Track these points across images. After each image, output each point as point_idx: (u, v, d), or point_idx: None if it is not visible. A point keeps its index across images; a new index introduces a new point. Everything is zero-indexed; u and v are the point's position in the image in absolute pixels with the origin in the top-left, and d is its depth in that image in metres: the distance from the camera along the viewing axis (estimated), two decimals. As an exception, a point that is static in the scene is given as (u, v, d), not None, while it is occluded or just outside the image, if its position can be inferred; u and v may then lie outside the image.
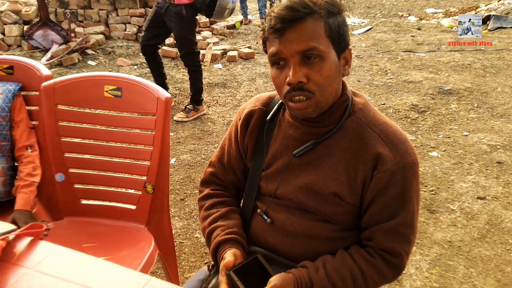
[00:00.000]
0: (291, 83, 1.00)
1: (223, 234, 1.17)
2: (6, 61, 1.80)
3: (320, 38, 0.99)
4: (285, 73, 1.02)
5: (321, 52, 0.99)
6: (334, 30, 1.02)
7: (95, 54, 5.58)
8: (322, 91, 1.02)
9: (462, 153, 3.46)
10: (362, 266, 1.07)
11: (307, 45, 0.98)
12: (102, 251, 1.56)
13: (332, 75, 1.02)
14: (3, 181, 1.70)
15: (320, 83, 1.01)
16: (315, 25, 0.99)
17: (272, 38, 1.01)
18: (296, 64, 0.99)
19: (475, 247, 2.42)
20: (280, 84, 1.04)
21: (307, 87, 1.00)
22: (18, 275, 0.90)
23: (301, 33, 0.98)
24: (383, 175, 1.04)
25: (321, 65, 1.00)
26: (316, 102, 1.02)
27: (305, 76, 0.99)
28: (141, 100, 1.61)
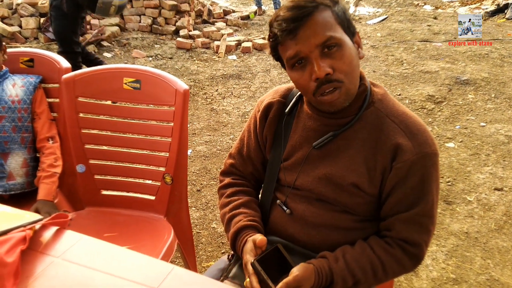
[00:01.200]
0: (319, 77, 0.99)
1: (245, 220, 1.18)
2: (27, 53, 1.83)
3: (333, 27, 1.00)
4: (308, 71, 1.01)
5: (338, 40, 1.00)
6: (342, 16, 1.03)
7: (110, 46, 5.62)
8: (350, 78, 1.02)
9: (479, 144, 3.42)
10: (381, 256, 1.08)
11: (324, 36, 0.98)
12: (122, 240, 1.58)
13: (354, 59, 1.03)
14: (26, 172, 1.74)
15: (346, 70, 1.01)
16: (324, 15, 1.00)
17: (287, 41, 1.01)
18: (317, 58, 0.99)
19: (492, 238, 2.40)
20: (305, 83, 1.04)
21: (334, 77, 1.00)
22: (45, 263, 0.93)
23: (315, 27, 0.98)
24: (402, 166, 1.05)
25: (341, 52, 1.00)
26: (347, 90, 1.03)
27: (330, 67, 0.99)
28: (159, 92, 1.62)
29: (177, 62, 5.29)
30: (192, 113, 3.99)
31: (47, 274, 0.90)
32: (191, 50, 5.66)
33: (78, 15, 3.67)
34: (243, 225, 1.18)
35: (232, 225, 1.20)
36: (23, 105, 1.71)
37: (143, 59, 5.32)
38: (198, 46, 5.80)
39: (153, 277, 0.90)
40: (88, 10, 3.68)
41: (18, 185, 1.73)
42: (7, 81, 1.71)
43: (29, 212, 1.05)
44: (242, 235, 1.17)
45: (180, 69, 5.04)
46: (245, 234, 1.16)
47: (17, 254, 0.89)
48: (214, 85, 4.66)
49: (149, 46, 5.75)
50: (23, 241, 0.92)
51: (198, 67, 5.15)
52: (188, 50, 5.66)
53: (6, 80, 1.71)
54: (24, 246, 0.92)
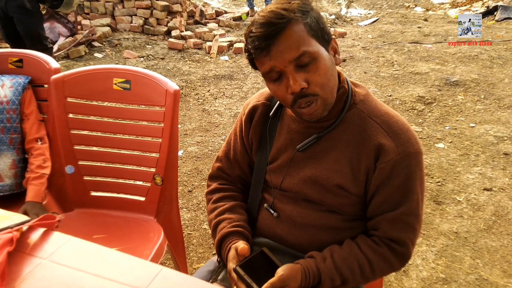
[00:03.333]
0: (294, 91, 0.99)
1: (229, 227, 1.19)
2: (16, 54, 1.82)
3: (306, 40, 0.98)
4: (284, 84, 1.01)
5: (312, 54, 0.98)
6: (315, 27, 1.00)
7: (101, 47, 5.59)
8: (325, 89, 1.02)
9: (469, 145, 3.45)
10: (368, 255, 1.09)
11: (297, 51, 0.97)
12: (112, 242, 1.58)
13: (329, 70, 1.02)
14: (14, 173, 1.73)
15: (321, 82, 1.00)
16: (296, 30, 0.97)
17: (261, 57, 1.00)
18: (292, 72, 0.98)
19: (481, 238, 2.42)
20: (282, 95, 1.03)
21: (309, 91, 1.00)
22: (32, 265, 0.92)
23: (287, 42, 0.97)
24: (385, 166, 1.05)
25: (316, 65, 0.99)
26: (323, 101, 1.03)
27: (305, 81, 0.99)
28: (149, 92, 1.62)
29: (168, 62, 5.28)
30: (184, 114, 3.98)
31: (34, 275, 0.90)
32: (183, 51, 5.65)
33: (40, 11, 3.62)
34: (227, 232, 1.18)
35: (217, 232, 1.21)
36: (11, 106, 1.69)
37: (134, 60, 5.30)
38: (190, 46, 5.79)
39: (142, 279, 0.89)
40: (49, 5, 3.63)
41: (6, 187, 1.72)
42: (-5, 82, 1.69)
43: (17, 214, 1.05)
44: (226, 243, 1.17)
45: (172, 70, 5.03)
46: (229, 241, 1.16)
47: (4, 255, 0.88)
48: (206, 85, 4.65)
49: (141, 47, 5.73)
50: (9, 242, 0.92)
51: (190, 67, 5.14)
52: (180, 51, 5.65)
53: (-6, 81, 1.69)
54: (11, 248, 0.91)
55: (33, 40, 3.54)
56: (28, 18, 3.47)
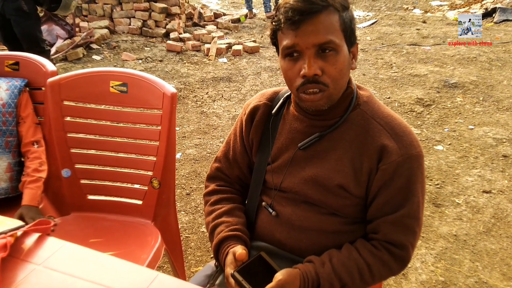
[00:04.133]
0: (307, 75, 0.99)
1: (227, 230, 1.18)
2: (12, 57, 1.80)
3: (336, 32, 0.99)
4: (299, 65, 1.01)
5: (336, 46, 0.99)
6: (347, 24, 1.02)
7: (100, 49, 5.58)
8: (335, 84, 1.02)
9: (468, 147, 3.45)
10: (368, 259, 1.08)
11: (324, 38, 0.98)
12: (109, 246, 1.56)
13: (345, 68, 1.03)
14: (10, 176, 1.72)
15: (334, 76, 1.01)
16: (331, 18, 0.99)
17: (287, 30, 1.00)
18: (311, 56, 0.99)
19: (480, 241, 2.41)
20: (292, 76, 1.03)
21: (321, 79, 1.00)
22: (27, 271, 0.91)
23: (318, 26, 0.98)
24: (388, 167, 1.05)
25: (336, 58, 1.00)
26: (329, 95, 1.03)
27: (320, 69, 0.99)
28: (147, 95, 1.61)
29: (167, 65, 5.27)
30: (182, 116, 3.97)
31: (28, 281, 0.89)
32: (181, 53, 5.64)
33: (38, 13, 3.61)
34: (224, 236, 1.17)
35: (215, 236, 1.20)
36: (7, 109, 1.68)
37: (132, 62, 5.29)
38: (188, 49, 5.79)
39: (137, 285, 0.88)
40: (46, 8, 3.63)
41: (2, 190, 1.70)
42: (-9, 85, 1.68)
43: (11, 219, 1.04)
44: (224, 247, 1.16)
45: (170, 72, 5.02)
46: (226, 246, 1.15)
47: (-3, 261, 0.87)
48: (205, 88, 4.64)
49: (139, 49, 5.72)
50: (3, 248, 0.91)
51: (189, 70, 5.13)
52: (179, 53, 5.64)
53: (-10, 84, 1.68)
54: (5, 254, 0.90)
55: (30, 42, 3.53)
56: (25, 21, 3.46)
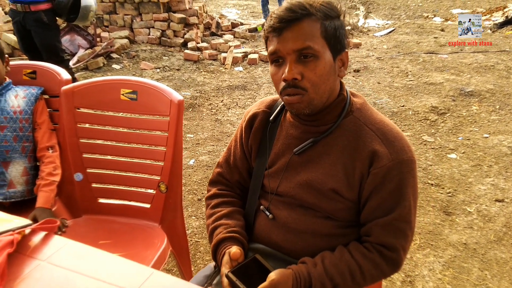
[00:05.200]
0: (286, 79, 1.05)
1: (225, 232, 1.22)
2: (29, 66, 1.90)
3: (315, 39, 1.04)
4: (282, 70, 1.07)
5: (315, 52, 1.04)
6: (330, 32, 1.07)
7: (119, 58, 5.73)
8: (315, 89, 1.07)
9: (482, 155, 3.41)
10: (359, 261, 1.11)
11: (303, 44, 1.03)
12: (117, 247, 1.62)
13: (326, 74, 1.07)
14: (26, 180, 1.80)
15: (314, 81, 1.06)
16: (311, 26, 1.05)
17: (272, 37, 1.08)
18: (292, 61, 1.05)
19: (490, 250, 2.39)
20: (277, 80, 1.10)
21: (300, 84, 1.06)
22: (31, 266, 0.97)
23: (298, 33, 1.04)
24: (379, 171, 1.08)
25: (315, 63, 1.05)
26: (309, 99, 1.07)
27: (300, 74, 1.05)
28: (155, 102, 1.67)
29: (184, 73, 5.37)
30: (197, 124, 4.04)
31: (32, 276, 0.95)
32: (198, 62, 5.74)
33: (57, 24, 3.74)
34: (222, 238, 1.22)
35: (214, 237, 1.24)
36: (24, 116, 1.77)
37: (150, 71, 5.41)
38: (205, 58, 5.89)
39: (133, 281, 0.93)
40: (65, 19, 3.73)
41: (18, 193, 1.78)
42: (9, 92, 1.77)
43: (20, 217, 1.10)
44: (221, 248, 1.21)
45: (187, 80, 5.11)
46: (223, 247, 1.20)
47: (4, 256, 0.93)
48: (220, 96, 4.72)
49: (158, 58, 5.85)
50: (10, 244, 0.97)
51: (205, 78, 5.22)
52: (195, 62, 5.74)
53: (8, 92, 1.77)
54: (11, 249, 0.96)
55: (50, 52, 3.66)
56: (45, 31, 3.60)
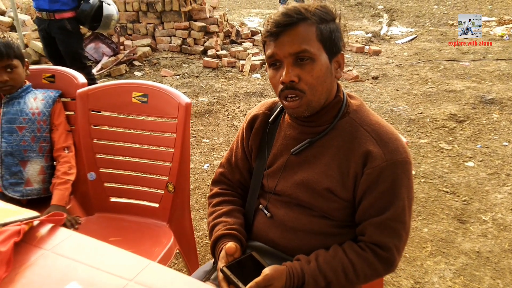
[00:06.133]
0: (284, 81, 1.09)
1: (223, 229, 1.26)
2: (49, 70, 1.99)
3: (311, 42, 1.08)
4: (280, 73, 1.11)
5: (312, 55, 1.08)
6: (326, 35, 1.10)
7: (141, 65, 5.87)
8: (313, 91, 1.10)
9: (500, 164, 3.36)
10: (353, 259, 1.13)
11: (299, 47, 1.07)
12: (125, 244, 1.67)
13: (323, 76, 1.10)
14: (43, 178, 1.88)
15: (311, 83, 1.09)
16: (307, 29, 1.08)
17: (269, 41, 1.12)
18: (289, 65, 1.09)
19: (504, 259, 2.36)
20: (275, 83, 1.14)
21: (298, 86, 1.09)
22: (36, 255, 1.03)
23: (294, 36, 1.08)
24: (372, 171, 1.10)
25: (312, 66, 1.08)
26: (308, 101, 1.11)
27: (297, 76, 1.08)
28: (164, 105, 1.73)
29: (202, 80, 5.46)
30: (213, 129, 4.11)
31: (37, 264, 1.00)
32: (217, 69, 5.83)
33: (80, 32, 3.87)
34: (220, 234, 1.26)
35: (213, 234, 1.29)
36: (42, 117, 1.85)
37: (170, 78, 5.52)
38: (224, 65, 5.97)
39: (130, 270, 0.98)
40: (88, 27, 3.85)
41: (35, 191, 1.86)
42: (29, 95, 1.86)
43: (28, 210, 1.16)
44: (219, 244, 1.25)
45: (205, 87, 5.20)
46: (221, 243, 1.24)
47: (10, 245, 0.99)
48: (237, 102, 4.78)
49: (178, 65, 5.96)
50: (17, 234, 1.03)
51: (222, 85, 5.29)
52: (214, 69, 5.83)
53: (28, 94, 1.86)
54: (18, 239, 1.02)
55: (73, 59, 3.78)
56: (69, 39, 3.73)
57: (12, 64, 1.77)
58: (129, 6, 6.52)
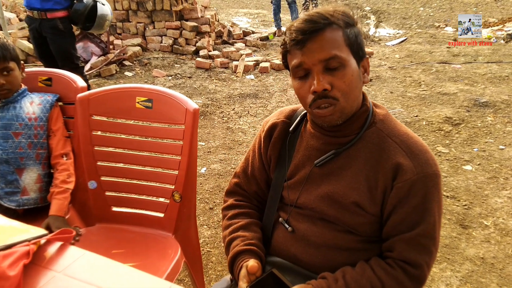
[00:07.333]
0: (316, 90, 1.02)
1: (242, 245, 1.19)
2: (45, 73, 1.90)
3: (340, 47, 1.03)
4: (309, 83, 1.05)
5: (342, 60, 1.02)
6: (352, 39, 1.06)
7: (132, 66, 5.75)
8: (346, 97, 1.05)
9: (498, 167, 3.36)
10: (382, 278, 1.07)
11: (329, 53, 1.01)
12: (130, 257, 1.60)
13: (354, 81, 1.05)
14: (40, 187, 1.79)
15: (344, 90, 1.03)
16: (334, 34, 1.03)
17: (294, 51, 1.05)
18: (319, 72, 1.03)
19: (509, 265, 2.33)
20: (304, 94, 1.07)
21: (331, 94, 1.03)
22: (47, 278, 0.95)
23: (322, 43, 1.02)
24: (403, 185, 1.05)
25: (343, 72, 1.03)
26: (341, 108, 1.05)
27: (329, 84, 1.02)
28: (170, 111, 1.65)
29: (195, 81, 5.38)
30: (208, 132, 4.03)
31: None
32: (210, 70, 5.75)
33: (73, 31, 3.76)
34: (239, 250, 1.19)
35: (230, 250, 1.22)
36: (39, 122, 1.76)
37: (162, 78, 5.43)
38: (217, 66, 5.90)
39: (151, 295, 0.91)
40: (81, 27, 3.75)
41: (31, 200, 1.77)
42: (25, 99, 1.77)
43: (35, 227, 1.08)
44: (238, 261, 1.18)
45: (199, 88, 5.12)
46: (241, 260, 1.17)
47: (20, 268, 0.91)
48: (231, 104, 4.71)
49: (169, 66, 5.87)
50: (26, 255, 0.95)
51: (216, 86, 5.22)
52: (207, 70, 5.75)
53: (24, 98, 1.77)
54: (27, 261, 0.94)
55: (65, 59, 3.67)
56: (61, 38, 3.62)
57: (9, 67, 1.68)
58: (119, 4, 6.39)
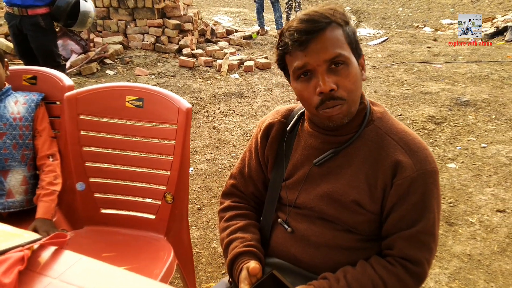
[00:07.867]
0: (323, 91, 1.01)
1: (241, 246, 1.18)
2: (30, 71, 1.84)
3: (343, 45, 1.02)
4: (313, 84, 1.03)
5: (346, 58, 1.02)
6: (351, 37, 1.05)
7: (113, 64, 5.66)
8: (352, 96, 1.04)
9: (481, 165, 3.41)
10: (383, 276, 1.07)
11: (333, 52, 1.00)
12: (121, 260, 1.56)
13: (358, 79, 1.05)
14: (25, 189, 1.73)
15: (350, 88, 1.03)
16: (336, 33, 1.02)
17: (296, 52, 1.03)
18: (324, 73, 1.01)
19: (495, 261, 2.37)
20: (308, 96, 1.05)
21: (337, 94, 1.02)
22: (43, 284, 0.91)
23: (325, 42, 1.00)
24: (403, 182, 1.05)
25: (347, 70, 1.02)
26: (348, 108, 1.04)
27: (335, 83, 1.01)
28: (162, 110, 1.62)
29: (179, 80, 5.32)
30: (194, 131, 3.99)
31: (44, 295, 0.89)
32: (193, 69, 5.70)
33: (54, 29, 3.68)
34: (238, 252, 1.17)
35: (229, 252, 1.20)
36: (24, 122, 1.70)
37: (145, 77, 5.35)
38: (200, 64, 5.85)
39: (153, 300, 0.88)
40: (63, 24, 3.67)
41: (17, 203, 1.72)
42: (9, 98, 1.71)
43: (28, 231, 1.04)
44: (238, 263, 1.16)
45: (183, 87, 5.06)
46: (240, 262, 1.15)
47: (15, 274, 0.87)
48: (216, 103, 4.68)
49: (152, 64, 5.79)
50: (21, 261, 0.91)
51: (201, 85, 5.17)
52: (191, 69, 5.70)
53: (8, 97, 1.71)
54: (22, 267, 0.90)
55: (47, 57, 3.58)
56: (42, 36, 3.52)
57: (-8, 65, 1.62)
58: (99, 1, 6.28)
